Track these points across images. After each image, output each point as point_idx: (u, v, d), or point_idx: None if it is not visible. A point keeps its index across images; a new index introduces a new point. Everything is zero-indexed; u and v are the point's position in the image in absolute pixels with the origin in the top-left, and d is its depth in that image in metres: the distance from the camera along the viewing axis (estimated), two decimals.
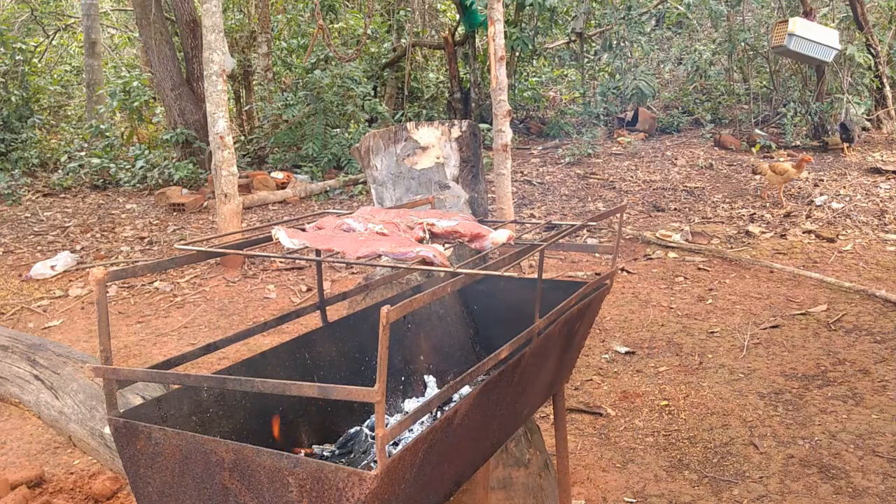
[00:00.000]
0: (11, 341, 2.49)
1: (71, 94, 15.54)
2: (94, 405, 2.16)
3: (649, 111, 11.71)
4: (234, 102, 12.24)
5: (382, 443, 0.90)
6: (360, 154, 2.59)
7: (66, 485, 2.73)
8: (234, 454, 0.99)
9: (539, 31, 11.83)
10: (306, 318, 1.64)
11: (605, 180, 8.48)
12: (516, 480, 2.16)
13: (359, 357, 1.69)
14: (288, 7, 12.66)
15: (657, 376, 3.60)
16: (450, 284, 1.03)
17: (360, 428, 1.55)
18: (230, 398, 1.34)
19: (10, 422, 3.32)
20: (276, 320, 1.49)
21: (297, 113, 10.10)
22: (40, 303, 5.19)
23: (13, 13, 15.20)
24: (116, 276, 1.10)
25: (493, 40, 5.37)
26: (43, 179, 10.21)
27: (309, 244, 1.15)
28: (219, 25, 5.88)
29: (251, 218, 7.71)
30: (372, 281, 1.91)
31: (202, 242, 1.25)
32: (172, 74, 9.63)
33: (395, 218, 1.23)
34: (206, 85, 5.95)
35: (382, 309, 0.85)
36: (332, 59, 10.36)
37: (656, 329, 4.22)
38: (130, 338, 4.43)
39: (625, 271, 5.32)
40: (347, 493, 0.92)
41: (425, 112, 12.49)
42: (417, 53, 13.50)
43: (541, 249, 1.24)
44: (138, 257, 6.33)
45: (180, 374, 1.18)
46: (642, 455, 2.87)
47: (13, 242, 6.97)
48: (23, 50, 12.41)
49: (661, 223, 6.65)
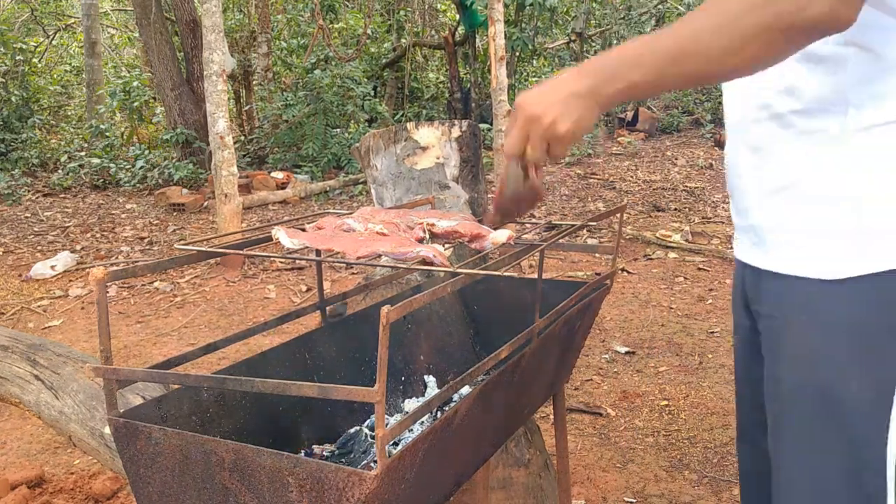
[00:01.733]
0: (11, 341, 2.49)
1: (71, 94, 15.54)
2: (94, 405, 2.16)
3: (649, 111, 11.71)
4: (234, 102, 12.24)
5: (382, 443, 0.90)
6: (360, 154, 2.59)
7: (66, 485, 2.73)
8: (234, 454, 0.99)
9: (539, 31, 11.83)
10: (306, 318, 1.64)
11: (605, 180, 8.49)
12: (516, 480, 2.16)
13: (359, 357, 1.69)
14: (288, 7, 12.66)
15: (657, 376, 3.60)
16: (450, 284, 1.03)
17: (360, 428, 1.55)
18: (230, 398, 1.34)
19: (10, 422, 3.32)
20: (276, 320, 1.48)
21: (297, 113, 10.10)
22: (40, 303, 5.19)
23: (13, 13, 15.20)
24: (116, 276, 1.10)
25: (493, 40, 5.37)
26: (43, 179, 10.20)
27: (309, 244, 1.15)
28: (219, 25, 5.88)
29: (251, 218, 7.71)
30: (372, 281, 1.91)
31: (202, 242, 1.25)
32: (172, 74, 9.62)
33: (395, 218, 1.23)
34: (206, 85, 5.95)
35: (382, 309, 0.85)
36: (332, 59, 10.36)
37: (656, 329, 4.22)
38: (130, 338, 4.43)
39: (625, 271, 5.32)
40: (347, 493, 0.92)
41: (425, 112, 12.49)
42: (417, 53, 13.51)
43: (541, 249, 1.24)
44: (138, 257, 6.33)
45: (180, 374, 1.18)
46: (642, 455, 2.87)
47: (13, 242, 6.97)
48: (23, 50, 12.42)
49: (661, 223, 6.65)
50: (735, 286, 1.28)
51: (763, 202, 1.06)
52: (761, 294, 1.10)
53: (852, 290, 0.97)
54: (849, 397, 0.98)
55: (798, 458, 1.04)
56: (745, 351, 1.25)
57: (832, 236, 0.98)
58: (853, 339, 0.97)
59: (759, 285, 1.11)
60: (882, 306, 0.96)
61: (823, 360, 1.00)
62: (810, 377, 1.01)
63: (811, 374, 1.01)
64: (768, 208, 1.05)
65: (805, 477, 1.03)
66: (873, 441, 0.97)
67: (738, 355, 1.30)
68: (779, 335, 1.06)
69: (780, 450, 1.07)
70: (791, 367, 1.04)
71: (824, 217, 0.99)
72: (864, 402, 0.97)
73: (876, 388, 0.97)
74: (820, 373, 1.00)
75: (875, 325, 0.96)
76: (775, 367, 1.07)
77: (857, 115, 0.94)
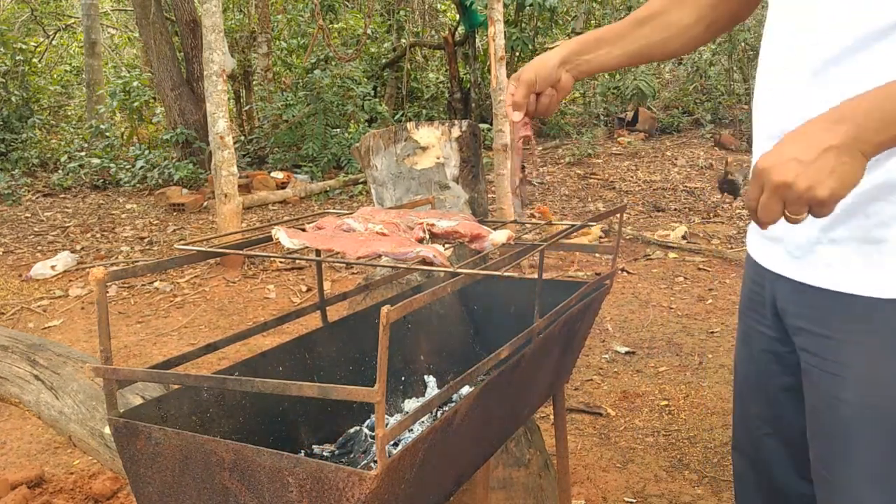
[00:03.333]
0: (11, 341, 2.49)
1: (71, 94, 15.54)
2: (94, 405, 2.16)
3: (649, 111, 11.71)
4: (234, 102, 12.24)
5: (382, 443, 0.90)
6: (360, 154, 2.60)
7: (66, 485, 2.73)
8: (234, 454, 0.99)
9: (539, 31, 11.83)
10: (306, 318, 1.63)
11: (605, 180, 8.49)
12: (516, 480, 2.16)
13: (359, 357, 1.69)
14: (288, 7, 12.66)
15: (657, 376, 3.60)
16: (450, 284, 1.03)
17: (360, 428, 1.55)
18: (230, 398, 1.34)
19: (10, 422, 3.32)
20: (276, 320, 1.48)
21: (297, 113, 10.10)
22: (40, 303, 5.19)
23: (13, 13, 15.20)
24: (116, 276, 1.10)
25: (493, 40, 5.37)
26: (43, 179, 10.20)
27: (309, 244, 1.15)
28: (219, 25, 5.88)
29: (251, 218, 7.71)
30: (372, 281, 1.91)
31: (202, 242, 1.25)
32: (172, 74, 9.62)
33: (395, 218, 1.22)
34: (206, 85, 5.95)
35: (382, 309, 0.85)
36: (332, 59, 10.36)
37: (656, 329, 4.21)
38: (130, 338, 4.43)
39: (625, 271, 5.32)
40: (347, 493, 0.92)
41: (425, 112, 12.48)
42: (417, 53, 13.50)
43: (541, 249, 1.24)
44: (138, 257, 6.33)
45: (180, 374, 1.18)
46: (642, 455, 2.87)
47: (13, 242, 6.97)
48: (23, 50, 12.41)
49: (661, 223, 6.65)
50: (753, 293, 1.20)
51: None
52: (807, 310, 1.05)
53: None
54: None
55: (871, 484, 1.00)
56: (763, 362, 1.20)
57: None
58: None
59: (803, 300, 1.05)
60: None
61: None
62: (883, 399, 0.97)
63: (884, 396, 0.97)
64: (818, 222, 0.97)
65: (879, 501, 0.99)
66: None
67: (751, 366, 1.25)
68: (837, 354, 1.01)
69: (846, 475, 1.02)
70: (858, 388, 0.99)
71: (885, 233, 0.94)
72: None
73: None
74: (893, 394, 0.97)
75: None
76: (837, 388, 1.01)
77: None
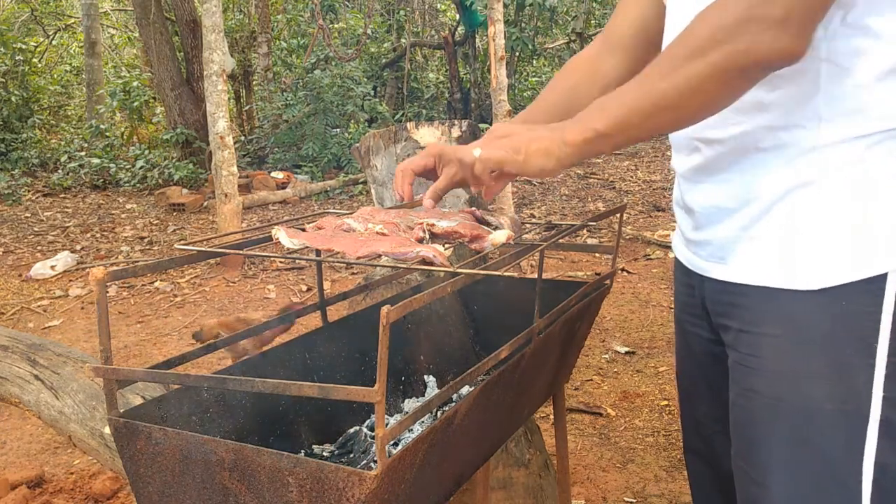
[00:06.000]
0: (11, 341, 2.49)
1: (71, 94, 15.55)
2: (94, 405, 2.16)
3: None
4: (234, 102, 12.25)
5: (382, 443, 0.90)
6: (360, 154, 2.60)
7: (66, 485, 2.73)
8: (234, 454, 0.99)
9: (539, 31, 11.83)
10: (306, 318, 1.64)
11: (605, 180, 8.49)
12: (516, 480, 2.16)
13: (359, 357, 1.69)
14: (288, 7, 12.67)
15: (657, 376, 3.60)
16: (450, 284, 1.03)
17: (360, 428, 1.55)
18: (230, 398, 1.34)
19: (10, 422, 3.32)
20: (276, 320, 1.49)
21: (297, 113, 10.10)
22: (40, 303, 5.19)
23: (13, 13, 15.20)
24: (116, 276, 1.10)
25: (493, 40, 5.37)
26: (43, 179, 10.20)
27: (309, 244, 1.15)
28: (219, 25, 5.88)
29: (251, 218, 7.71)
30: (372, 281, 1.91)
31: (202, 242, 1.25)
32: (172, 74, 9.63)
33: (395, 218, 1.22)
34: (206, 85, 5.95)
35: (382, 309, 0.85)
36: (332, 59, 10.36)
37: (656, 329, 4.22)
38: (130, 338, 4.43)
39: (625, 271, 5.32)
40: (347, 493, 0.92)
41: (425, 112, 12.49)
42: (417, 53, 13.51)
43: (541, 249, 1.24)
44: (138, 257, 6.33)
45: (180, 374, 1.18)
46: (642, 455, 2.87)
47: (13, 242, 6.97)
48: (23, 50, 12.42)
49: (661, 223, 6.65)
50: (685, 296, 1.24)
51: (732, 217, 1.04)
52: (730, 307, 1.08)
53: (826, 301, 0.96)
54: (825, 413, 0.98)
55: (776, 475, 1.03)
56: (705, 364, 1.23)
57: (808, 247, 0.97)
58: (828, 352, 0.97)
59: (726, 298, 1.08)
60: (848, 318, 0.95)
61: (801, 374, 0.99)
62: (788, 392, 1.01)
63: (790, 389, 1.00)
64: (737, 222, 1.03)
65: (785, 493, 1.02)
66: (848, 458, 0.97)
67: (695, 369, 1.28)
68: (753, 348, 1.04)
69: (759, 463, 1.05)
70: (767, 380, 1.03)
71: (798, 229, 0.98)
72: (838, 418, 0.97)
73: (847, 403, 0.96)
74: (799, 387, 1.00)
75: (845, 339, 0.96)
76: (751, 380, 1.05)
77: (829, 129, 0.94)
